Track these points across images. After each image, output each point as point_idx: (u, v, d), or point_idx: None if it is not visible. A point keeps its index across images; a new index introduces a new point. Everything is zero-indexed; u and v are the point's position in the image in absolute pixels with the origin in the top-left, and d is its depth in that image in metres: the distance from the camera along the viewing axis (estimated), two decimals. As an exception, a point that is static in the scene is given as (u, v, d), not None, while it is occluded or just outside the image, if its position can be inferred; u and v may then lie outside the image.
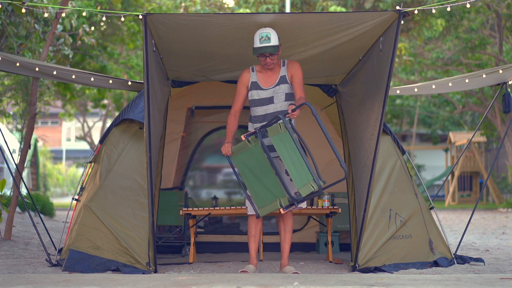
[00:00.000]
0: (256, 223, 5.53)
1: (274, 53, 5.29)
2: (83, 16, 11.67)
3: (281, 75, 5.48)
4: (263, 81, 5.49)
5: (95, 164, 6.25)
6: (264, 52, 5.27)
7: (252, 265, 5.45)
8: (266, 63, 5.38)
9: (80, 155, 42.66)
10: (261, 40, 5.27)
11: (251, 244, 5.54)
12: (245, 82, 5.53)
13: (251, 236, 5.53)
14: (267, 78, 5.49)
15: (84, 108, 25.08)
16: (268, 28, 5.31)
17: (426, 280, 4.63)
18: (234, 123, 5.53)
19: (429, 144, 33.58)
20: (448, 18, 16.47)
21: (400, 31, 5.11)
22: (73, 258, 5.53)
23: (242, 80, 5.54)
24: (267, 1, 15.19)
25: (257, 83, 5.49)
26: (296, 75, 5.48)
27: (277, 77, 5.48)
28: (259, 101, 5.48)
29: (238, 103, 5.57)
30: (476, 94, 19.73)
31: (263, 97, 5.47)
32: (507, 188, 21.84)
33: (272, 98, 5.46)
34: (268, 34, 5.27)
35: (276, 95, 5.46)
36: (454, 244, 7.59)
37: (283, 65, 5.51)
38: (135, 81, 6.87)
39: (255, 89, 5.49)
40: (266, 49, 5.26)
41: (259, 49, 5.28)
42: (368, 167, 5.44)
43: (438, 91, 7.92)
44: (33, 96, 7.92)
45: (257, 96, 5.49)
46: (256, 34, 5.30)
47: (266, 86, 5.48)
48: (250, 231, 5.54)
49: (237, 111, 5.56)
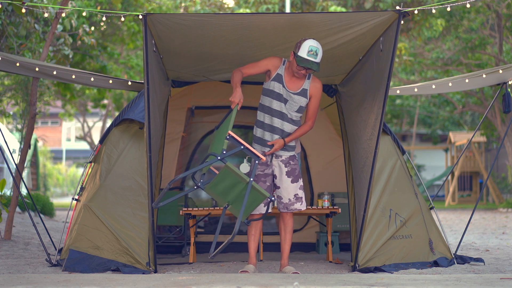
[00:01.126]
0: (256, 223, 5.52)
1: (317, 71, 5.25)
2: (83, 16, 11.66)
3: (304, 88, 5.42)
4: (288, 80, 5.42)
5: (95, 164, 6.25)
6: (310, 67, 5.19)
7: (252, 264, 5.45)
8: (298, 73, 5.31)
9: (80, 155, 42.66)
10: (309, 53, 5.18)
11: (250, 243, 5.53)
12: (272, 66, 5.41)
13: (251, 235, 5.53)
14: (290, 81, 5.41)
15: (84, 108, 25.08)
16: (317, 43, 5.21)
17: (426, 280, 4.63)
18: (240, 77, 5.31)
19: (429, 144, 33.59)
20: (448, 18, 16.47)
21: (400, 31, 5.11)
22: (73, 258, 5.53)
23: (272, 62, 5.41)
24: (267, 1, 15.18)
25: (282, 77, 5.40)
26: (316, 98, 5.45)
27: (300, 86, 5.41)
28: (277, 96, 5.39)
29: (249, 69, 5.40)
30: (476, 94, 19.73)
31: (281, 93, 5.38)
32: (507, 188, 21.84)
33: (286, 100, 5.39)
34: (318, 50, 5.19)
35: (291, 102, 5.39)
36: (454, 244, 7.59)
37: (308, 77, 5.43)
38: (135, 81, 6.87)
39: (278, 82, 5.40)
40: (312, 65, 5.18)
41: (305, 61, 5.18)
42: (368, 167, 5.44)
43: (438, 91, 7.92)
44: (33, 96, 7.92)
45: (277, 90, 5.39)
46: (305, 43, 5.19)
47: (288, 87, 5.41)
48: (250, 231, 5.53)
49: (244, 73, 5.37)
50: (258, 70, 5.44)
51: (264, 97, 5.46)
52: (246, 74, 5.40)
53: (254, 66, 5.44)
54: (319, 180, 7.82)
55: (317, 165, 7.74)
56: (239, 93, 5.15)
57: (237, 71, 5.37)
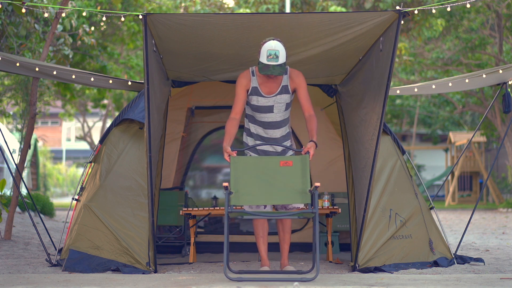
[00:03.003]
0: (262, 223, 5.40)
1: (281, 74, 5.13)
2: (83, 16, 11.67)
3: (283, 85, 5.33)
4: (264, 87, 5.32)
5: (95, 164, 6.25)
6: (272, 73, 5.10)
7: (266, 266, 5.39)
8: (269, 76, 5.24)
9: (80, 155, 42.67)
10: (268, 58, 5.07)
11: (260, 246, 5.40)
12: (245, 85, 5.32)
13: (259, 237, 5.40)
14: (268, 84, 5.32)
15: (84, 108, 25.08)
16: (277, 43, 5.10)
17: (426, 280, 4.63)
18: (234, 127, 5.27)
19: (429, 144, 33.59)
20: (448, 18, 16.47)
21: (400, 31, 5.11)
22: (73, 258, 5.53)
23: (242, 83, 5.33)
24: (267, 1, 15.19)
25: (258, 89, 5.31)
26: (301, 88, 5.34)
27: (279, 85, 5.32)
28: (257, 108, 5.34)
29: (237, 107, 5.30)
30: (476, 94, 19.73)
31: (262, 104, 5.32)
32: (507, 188, 21.84)
33: (272, 107, 5.32)
34: (277, 52, 5.07)
35: (277, 105, 5.32)
36: (454, 244, 7.59)
37: (285, 73, 5.34)
38: (135, 81, 6.87)
39: (255, 95, 5.32)
40: (273, 70, 5.08)
41: (265, 67, 5.09)
42: (368, 167, 5.44)
43: (438, 91, 7.92)
44: (33, 96, 7.92)
45: (256, 103, 5.33)
46: (264, 48, 5.10)
47: (267, 93, 5.32)
48: (258, 232, 5.41)
49: (237, 114, 5.30)
50: (242, 99, 5.32)
51: (250, 111, 5.43)
52: (239, 112, 5.31)
53: (238, 100, 5.32)
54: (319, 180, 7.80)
55: (317, 165, 7.74)
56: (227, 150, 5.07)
57: (229, 121, 5.26)
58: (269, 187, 5.00)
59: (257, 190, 4.99)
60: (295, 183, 4.97)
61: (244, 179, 5.00)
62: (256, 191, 4.99)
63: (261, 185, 5.01)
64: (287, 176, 5.01)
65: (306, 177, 4.96)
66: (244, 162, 5.06)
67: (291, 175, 5.00)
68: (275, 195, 5.00)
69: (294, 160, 5.04)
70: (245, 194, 4.96)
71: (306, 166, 4.99)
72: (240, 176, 5.00)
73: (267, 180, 5.01)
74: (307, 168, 4.98)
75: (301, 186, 4.95)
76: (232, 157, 5.04)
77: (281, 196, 4.99)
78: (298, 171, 4.99)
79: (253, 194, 4.99)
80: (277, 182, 5.00)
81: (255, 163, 5.07)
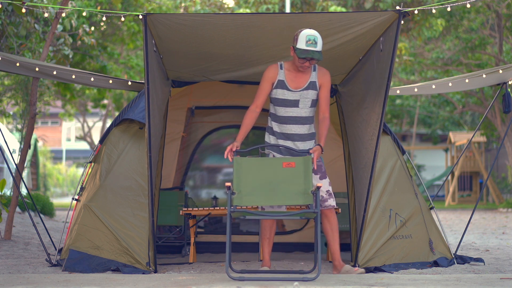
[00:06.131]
0: (271, 225, 5.37)
1: (320, 59, 5.08)
2: (83, 16, 11.67)
3: (311, 80, 5.28)
4: (291, 81, 5.26)
5: (95, 164, 6.25)
6: (312, 57, 5.03)
7: (267, 267, 5.38)
8: (302, 66, 5.15)
9: (80, 155, 42.68)
10: (307, 43, 5.02)
11: (264, 246, 5.38)
12: (271, 78, 5.25)
13: (265, 238, 5.38)
14: (295, 79, 5.27)
15: (84, 108, 25.09)
16: (315, 31, 5.07)
17: (426, 280, 4.63)
18: (251, 119, 5.23)
19: (429, 144, 33.59)
20: (448, 18, 16.48)
21: (400, 31, 5.11)
22: (73, 258, 5.53)
23: (269, 75, 5.24)
24: (267, 1, 15.19)
25: (285, 82, 5.25)
26: (325, 87, 5.31)
27: (307, 80, 5.27)
28: (283, 102, 5.27)
29: (259, 99, 5.24)
30: (476, 94, 19.73)
31: (288, 98, 5.25)
32: (507, 188, 21.85)
33: (297, 101, 5.26)
34: (316, 38, 5.03)
35: (303, 100, 5.26)
36: (454, 244, 7.59)
37: (313, 69, 5.30)
38: (135, 81, 6.87)
39: (280, 88, 5.26)
40: (313, 54, 5.03)
41: (304, 51, 5.02)
42: (368, 167, 5.44)
43: (438, 91, 7.92)
44: (33, 96, 7.92)
45: (281, 96, 5.26)
46: (302, 34, 5.06)
47: (294, 87, 5.27)
48: (265, 234, 5.38)
49: (257, 107, 5.24)
50: (265, 92, 5.27)
51: (273, 106, 5.36)
52: (260, 105, 5.27)
53: (260, 92, 5.27)
54: (319, 180, 7.81)
55: (317, 165, 7.73)
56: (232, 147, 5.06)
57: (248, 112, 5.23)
58: (272, 188, 5.01)
59: (259, 191, 5.01)
60: (297, 184, 4.99)
61: (247, 179, 5.02)
62: (258, 192, 5.00)
63: (264, 186, 5.02)
64: (290, 177, 5.02)
65: (309, 178, 4.97)
66: (247, 163, 5.07)
67: (294, 176, 5.01)
68: (278, 196, 5.01)
69: (297, 161, 5.05)
70: (247, 195, 4.98)
71: (309, 167, 5.00)
72: (243, 176, 5.02)
73: (270, 181, 5.02)
74: (309, 169, 4.99)
75: (304, 187, 4.97)
76: (236, 157, 5.05)
77: (284, 197, 5.00)
78: (300, 172, 5.00)
79: (255, 195, 5.00)
80: (280, 183, 5.01)
81: (258, 164, 5.08)
